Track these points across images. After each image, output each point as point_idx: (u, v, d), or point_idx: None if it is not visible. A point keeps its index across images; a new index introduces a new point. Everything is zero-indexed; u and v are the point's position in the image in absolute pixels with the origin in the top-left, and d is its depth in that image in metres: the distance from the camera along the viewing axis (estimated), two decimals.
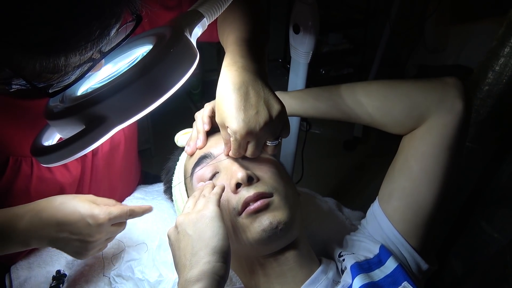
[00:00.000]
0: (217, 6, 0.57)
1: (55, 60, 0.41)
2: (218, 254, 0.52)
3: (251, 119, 0.56)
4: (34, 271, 0.78)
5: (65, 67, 0.43)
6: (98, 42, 0.44)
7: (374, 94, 0.71)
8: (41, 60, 0.41)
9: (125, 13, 0.46)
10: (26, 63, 0.41)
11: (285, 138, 0.62)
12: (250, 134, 0.57)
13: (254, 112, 0.56)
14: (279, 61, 2.85)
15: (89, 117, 0.47)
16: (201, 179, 0.69)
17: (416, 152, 0.68)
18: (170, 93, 0.50)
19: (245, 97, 0.56)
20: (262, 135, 0.58)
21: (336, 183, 2.09)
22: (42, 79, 0.44)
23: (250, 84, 0.57)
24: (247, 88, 0.57)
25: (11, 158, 0.66)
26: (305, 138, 1.41)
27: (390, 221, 0.69)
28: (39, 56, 0.41)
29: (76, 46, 0.42)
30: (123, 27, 0.50)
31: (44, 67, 0.42)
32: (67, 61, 0.43)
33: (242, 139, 0.57)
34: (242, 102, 0.56)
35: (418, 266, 0.69)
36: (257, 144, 0.60)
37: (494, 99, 0.96)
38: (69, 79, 0.46)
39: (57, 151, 0.50)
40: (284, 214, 0.62)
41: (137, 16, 0.48)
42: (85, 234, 0.65)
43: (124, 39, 0.49)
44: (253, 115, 0.56)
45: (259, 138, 0.59)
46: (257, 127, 0.56)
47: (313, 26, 0.98)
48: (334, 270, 0.67)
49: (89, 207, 0.64)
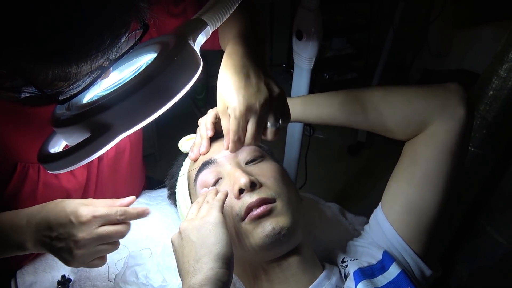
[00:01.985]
0: (220, 14, 0.57)
1: (67, 69, 0.42)
2: (221, 260, 0.52)
3: (251, 95, 0.56)
4: (39, 275, 0.78)
5: (76, 75, 0.44)
6: (109, 51, 0.45)
7: (376, 100, 0.71)
8: (54, 69, 0.42)
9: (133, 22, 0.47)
10: (39, 72, 0.42)
11: (286, 123, 0.61)
12: (250, 111, 0.57)
13: (255, 90, 0.57)
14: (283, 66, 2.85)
15: (94, 124, 0.48)
16: (204, 185, 0.69)
17: (418, 157, 0.69)
18: (174, 101, 0.51)
19: (246, 77, 0.57)
20: (263, 114, 0.58)
21: (340, 188, 2.08)
22: (52, 86, 0.45)
23: (250, 68, 0.58)
24: (247, 71, 0.58)
25: (19, 164, 0.67)
26: (308, 143, 1.41)
27: (393, 227, 0.69)
28: (51, 65, 0.41)
29: (87, 55, 0.42)
30: (131, 35, 0.51)
31: (56, 75, 0.43)
32: (78, 69, 0.43)
33: (242, 117, 0.57)
34: (243, 81, 0.57)
35: (421, 272, 0.69)
36: (257, 124, 0.59)
37: (499, 104, 0.96)
38: (79, 86, 0.47)
39: (63, 158, 0.50)
40: (287, 220, 0.62)
41: (144, 24, 0.49)
42: (69, 234, 0.59)
43: (132, 47, 0.49)
44: (253, 93, 0.57)
45: (259, 117, 0.58)
46: (257, 104, 0.56)
47: (316, 32, 0.98)
48: (337, 275, 0.67)
49: (75, 206, 0.60)
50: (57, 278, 0.77)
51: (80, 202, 0.62)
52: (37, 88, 0.44)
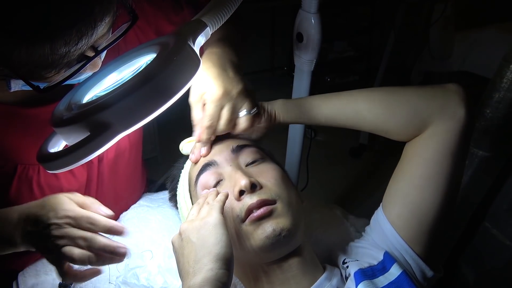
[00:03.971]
0: (220, 16, 0.58)
1: (40, 49, 0.42)
2: (221, 261, 0.52)
3: (228, 83, 0.60)
4: (41, 278, 0.79)
5: (52, 58, 0.44)
6: (83, 31, 0.44)
7: (376, 101, 0.71)
8: (26, 48, 0.42)
9: (120, 12, 0.48)
10: (11, 51, 0.41)
11: (254, 114, 0.66)
12: (226, 96, 0.60)
13: (231, 80, 0.61)
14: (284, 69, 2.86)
15: (94, 124, 0.48)
16: (205, 187, 0.69)
17: (419, 158, 0.68)
18: (173, 100, 0.51)
19: (223, 69, 0.61)
20: (238, 101, 0.62)
21: (342, 190, 2.08)
22: (34, 75, 0.45)
23: (227, 64, 0.63)
24: (225, 66, 0.62)
25: (19, 166, 0.67)
26: (310, 145, 1.41)
27: (394, 227, 0.69)
28: (22, 42, 0.41)
29: (57, 32, 0.42)
30: (121, 27, 0.51)
31: (29, 55, 0.42)
32: (53, 51, 0.43)
33: (218, 101, 0.60)
34: (221, 72, 0.61)
35: (423, 273, 0.68)
36: (232, 109, 0.62)
37: (506, 106, 0.96)
38: (63, 76, 0.47)
39: (62, 157, 0.51)
40: (288, 221, 0.62)
41: (133, 15, 0.50)
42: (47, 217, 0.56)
43: (119, 37, 0.50)
44: (230, 81, 0.61)
45: (234, 103, 0.61)
46: (233, 90, 0.60)
47: (316, 35, 0.98)
48: (338, 277, 0.67)
49: (59, 197, 0.59)
50: (59, 281, 0.77)
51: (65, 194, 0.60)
52: (14, 71, 0.43)
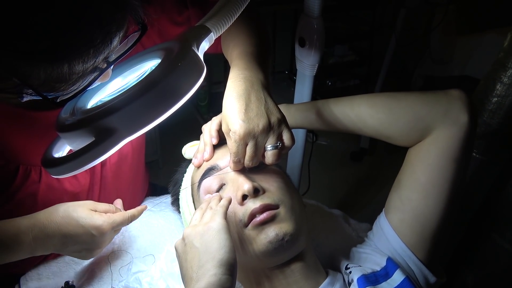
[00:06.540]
0: (224, 21, 0.58)
1: (59, 68, 0.43)
2: (225, 267, 0.52)
3: (250, 120, 0.58)
4: (43, 282, 0.78)
5: (69, 75, 0.44)
6: (101, 50, 0.45)
7: (378, 106, 0.71)
8: (45, 68, 0.42)
9: (129, 22, 0.48)
10: (31, 71, 0.42)
11: (288, 147, 0.63)
12: (249, 135, 0.58)
13: (254, 115, 0.59)
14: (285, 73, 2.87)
15: (98, 129, 0.48)
16: (208, 191, 0.69)
17: (422, 164, 0.68)
18: (178, 106, 0.51)
19: (247, 102, 0.59)
20: (261, 139, 0.60)
21: (343, 195, 2.08)
22: (49, 88, 0.46)
23: (252, 92, 0.60)
24: (249, 96, 0.60)
25: (21, 166, 0.67)
26: (311, 149, 1.41)
27: (396, 233, 0.69)
28: (41, 64, 0.42)
29: (77, 54, 0.43)
30: (130, 37, 0.51)
31: (48, 75, 0.43)
32: (71, 69, 0.44)
33: (241, 140, 0.59)
34: (244, 106, 0.58)
35: (425, 279, 0.68)
36: (255, 147, 0.60)
37: (504, 110, 0.96)
38: (77, 88, 0.47)
39: (67, 163, 0.51)
40: (290, 226, 0.62)
41: (142, 25, 0.50)
42: (90, 243, 0.67)
43: (130, 48, 0.50)
44: (252, 117, 0.58)
45: (258, 142, 0.60)
46: (255, 129, 0.58)
47: (318, 40, 0.99)
48: (340, 282, 0.67)
49: (91, 218, 0.65)
50: (61, 285, 0.77)
51: (88, 208, 0.66)
52: (32, 89, 0.44)
